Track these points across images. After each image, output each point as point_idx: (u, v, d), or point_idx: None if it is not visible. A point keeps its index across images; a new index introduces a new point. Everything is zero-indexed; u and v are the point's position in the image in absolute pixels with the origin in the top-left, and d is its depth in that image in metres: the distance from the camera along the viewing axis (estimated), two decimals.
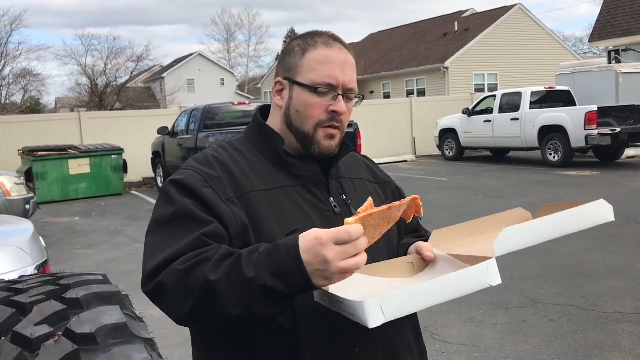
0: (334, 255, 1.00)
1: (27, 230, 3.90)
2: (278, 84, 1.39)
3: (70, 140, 14.79)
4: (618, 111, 14.03)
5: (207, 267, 1.08)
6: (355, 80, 1.37)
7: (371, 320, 1.00)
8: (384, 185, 1.56)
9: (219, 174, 1.28)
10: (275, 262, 1.04)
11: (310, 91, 1.32)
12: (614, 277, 5.57)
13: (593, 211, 1.26)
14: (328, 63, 1.32)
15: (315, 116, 1.33)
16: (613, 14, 19.39)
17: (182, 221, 1.19)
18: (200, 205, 1.21)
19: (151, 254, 1.19)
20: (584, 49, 43.60)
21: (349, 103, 1.36)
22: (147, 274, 1.17)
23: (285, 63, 1.38)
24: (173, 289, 1.11)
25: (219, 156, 1.33)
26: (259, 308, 1.06)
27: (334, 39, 1.37)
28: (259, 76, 53.73)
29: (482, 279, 1.12)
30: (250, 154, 1.36)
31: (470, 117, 16.63)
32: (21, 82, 40.12)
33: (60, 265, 6.71)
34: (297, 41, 1.39)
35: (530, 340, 4.25)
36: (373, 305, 1.00)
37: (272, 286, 1.03)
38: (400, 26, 37.43)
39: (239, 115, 12.45)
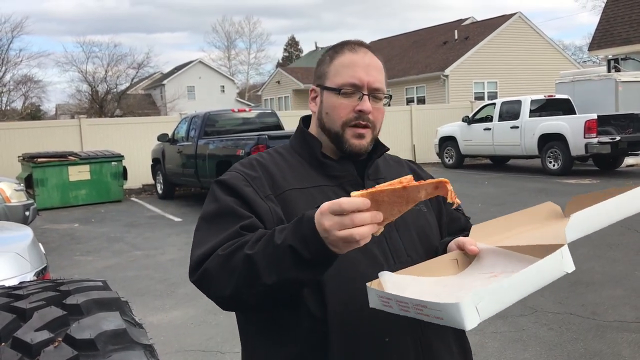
0: (330, 224, 1.06)
1: (27, 236, 3.90)
2: (312, 91, 1.50)
3: (70, 146, 14.79)
4: (617, 119, 14.04)
5: (245, 247, 1.20)
6: (381, 81, 1.44)
7: (468, 321, 0.97)
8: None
9: (258, 174, 1.40)
10: (298, 228, 1.13)
11: (336, 93, 1.41)
12: (614, 286, 5.56)
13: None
14: (352, 66, 1.41)
15: (342, 116, 1.41)
16: (612, 23, 19.45)
17: (223, 217, 1.31)
18: (240, 202, 1.33)
19: (196, 247, 1.31)
20: (583, 58, 43.72)
21: (377, 103, 1.43)
22: (193, 264, 1.29)
23: (317, 72, 1.50)
24: (217, 273, 1.22)
25: (262, 159, 1.46)
26: (289, 271, 1.14)
27: (360, 44, 1.46)
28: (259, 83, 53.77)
29: (559, 266, 1.09)
30: (291, 157, 1.47)
31: (470, 125, 16.65)
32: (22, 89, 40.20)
33: (60, 271, 6.70)
34: (329, 51, 1.49)
35: (530, 349, 4.24)
36: (469, 305, 0.97)
37: (295, 247, 1.12)
38: (401, 34, 37.56)
39: (239, 123, 12.47)
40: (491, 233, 1.35)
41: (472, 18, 33.31)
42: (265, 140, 9.43)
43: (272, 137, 9.68)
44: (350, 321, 1.31)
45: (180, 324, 5.11)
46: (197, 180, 11.77)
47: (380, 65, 1.46)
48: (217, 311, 5.31)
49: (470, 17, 33.44)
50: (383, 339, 1.32)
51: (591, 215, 1.18)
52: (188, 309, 5.47)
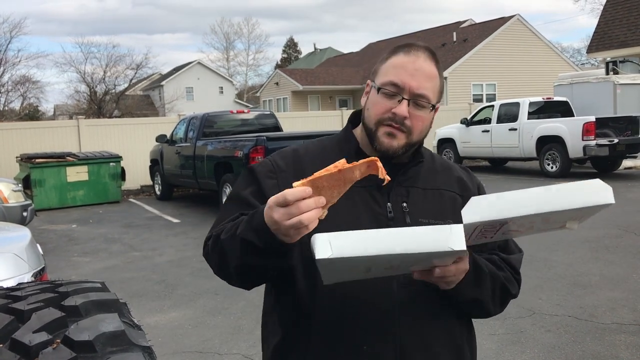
0: (280, 216, 1.12)
1: (25, 237, 3.89)
2: (367, 85, 1.50)
3: (68, 147, 14.79)
4: (616, 122, 14.07)
5: (223, 233, 1.33)
6: (428, 89, 1.40)
7: (319, 252, 1.06)
8: (466, 199, 1.53)
9: (288, 168, 1.46)
10: (251, 221, 1.23)
11: (377, 91, 1.42)
12: (612, 288, 5.57)
13: (587, 189, 1.11)
14: (400, 67, 1.40)
15: (378, 114, 1.41)
16: (611, 26, 19.49)
17: (238, 203, 1.44)
18: (259, 194, 1.42)
19: (214, 225, 1.45)
20: (581, 60, 43.80)
21: (419, 110, 1.40)
22: (204, 242, 1.44)
23: (374, 68, 1.50)
24: (211, 251, 1.38)
25: (301, 151, 1.52)
26: (246, 258, 1.25)
27: (418, 47, 1.44)
28: (258, 85, 53.81)
29: (443, 240, 1.10)
30: (331, 150, 1.49)
31: (469, 127, 16.66)
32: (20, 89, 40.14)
33: (57, 272, 6.69)
34: (390, 50, 1.48)
35: (528, 351, 4.24)
36: (322, 239, 1.07)
37: (247, 238, 1.22)
38: (399, 36, 37.60)
39: (238, 124, 12.46)
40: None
41: (471, 20, 33.37)
42: (264, 141, 9.41)
43: (270, 138, 9.66)
44: (332, 324, 1.36)
45: (178, 325, 5.11)
46: (196, 181, 11.75)
47: (433, 72, 1.42)
48: (215, 312, 5.31)
49: (469, 19, 33.51)
50: (362, 346, 1.34)
51: (493, 201, 1.13)
52: (186, 310, 5.47)
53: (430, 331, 1.41)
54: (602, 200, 1.11)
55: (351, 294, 1.32)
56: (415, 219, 1.41)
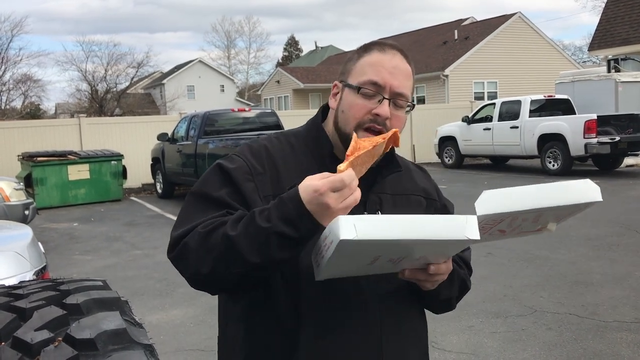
0: (334, 201, 1.12)
1: (26, 235, 3.90)
2: (334, 87, 1.44)
3: (69, 145, 14.79)
4: (617, 120, 14.05)
5: (226, 226, 1.22)
6: (407, 87, 1.37)
7: (344, 232, 1.05)
8: (430, 202, 1.55)
9: (264, 169, 1.37)
10: (283, 212, 1.16)
11: (355, 91, 1.35)
12: (613, 286, 5.56)
13: (580, 188, 1.25)
14: (377, 66, 1.35)
15: (357, 117, 1.35)
16: (612, 23, 19.45)
17: (214, 202, 1.32)
18: (236, 195, 1.33)
19: (179, 224, 1.32)
20: (583, 58, 43.74)
21: (398, 110, 1.36)
22: (173, 241, 1.30)
23: (342, 68, 1.44)
24: (196, 249, 1.24)
25: (272, 149, 1.42)
26: (275, 253, 1.17)
27: (392, 47, 1.40)
28: (259, 83, 53.78)
29: (460, 228, 1.15)
30: (300, 152, 1.43)
31: (470, 125, 16.65)
32: (21, 88, 40.17)
33: (59, 270, 6.70)
34: (358, 49, 1.43)
35: (529, 349, 4.24)
36: (347, 219, 1.07)
37: (283, 231, 1.15)
38: (401, 34, 37.56)
39: (239, 122, 12.46)
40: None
41: (472, 18, 33.32)
42: None
43: None
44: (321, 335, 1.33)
45: (179, 323, 5.11)
46: (197, 179, 11.73)
47: (409, 70, 1.39)
48: (216, 311, 5.31)
49: (470, 17, 33.46)
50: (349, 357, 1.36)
51: (504, 193, 1.22)
52: (187, 308, 5.47)
53: (406, 335, 1.47)
54: (592, 198, 1.23)
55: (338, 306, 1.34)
56: None
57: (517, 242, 7.15)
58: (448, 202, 1.63)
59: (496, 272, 6.05)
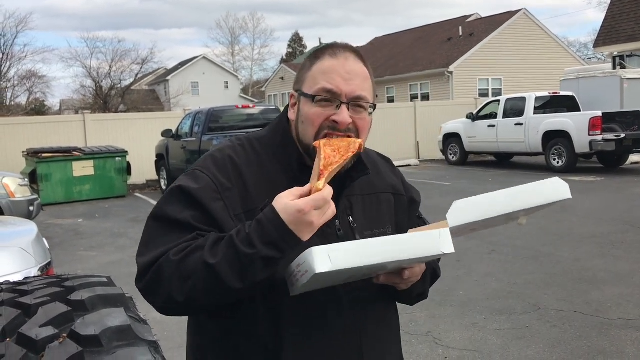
0: (317, 218, 1.14)
1: (31, 231, 3.91)
2: (292, 97, 1.39)
3: (74, 142, 14.83)
4: (622, 117, 14.01)
5: (203, 252, 1.18)
6: (365, 89, 1.32)
7: (318, 265, 1.06)
8: (397, 198, 1.55)
9: (232, 184, 1.32)
10: (265, 235, 1.15)
11: (311, 101, 1.31)
12: (618, 284, 5.55)
13: (549, 187, 1.27)
14: (330, 72, 1.31)
15: (317, 125, 1.30)
16: (618, 20, 19.37)
17: (181, 228, 1.26)
18: (205, 218, 1.27)
19: (145, 250, 1.28)
20: (588, 55, 43.58)
21: (360, 113, 1.32)
22: (142, 269, 1.26)
23: (297, 77, 1.40)
24: (169, 278, 1.20)
25: (237, 159, 1.36)
26: (258, 276, 1.17)
27: (344, 49, 1.35)
28: (263, 79, 53.78)
29: (435, 245, 1.16)
30: (267, 161, 1.38)
31: (474, 122, 16.62)
32: (26, 84, 40.34)
33: (64, 266, 6.72)
34: (310, 56, 1.40)
35: (533, 346, 4.23)
36: (321, 251, 1.08)
37: (268, 255, 1.15)
38: (405, 30, 37.47)
39: (243, 119, 12.47)
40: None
41: (477, 14, 33.22)
42: None
43: None
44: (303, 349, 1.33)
45: (183, 319, 5.09)
46: None
47: (365, 72, 1.34)
48: None
49: (475, 14, 33.36)
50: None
51: (475, 203, 1.24)
52: None
53: (385, 335, 1.49)
54: (562, 196, 1.27)
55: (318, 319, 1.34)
56: (361, 232, 1.40)
57: (521, 239, 7.14)
58: (414, 191, 1.63)
59: (500, 269, 6.05)
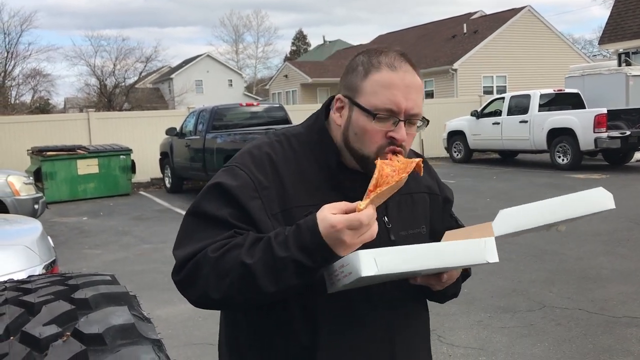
0: (350, 237, 1.12)
1: (36, 229, 3.92)
2: (339, 101, 1.36)
3: (78, 140, 14.86)
4: (628, 114, 13.94)
5: (240, 252, 1.20)
6: (420, 105, 1.32)
7: (364, 269, 1.08)
8: (432, 198, 1.55)
9: (269, 182, 1.32)
10: (301, 240, 1.16)
11: (369, 116, 1.28)
12: (623, 281, 5.53)
13: (593, 197, 1.27)
14: (390, 87, 1.28)
15: (375, 142, 1.29)
16: (623, 17, 19.28)
17: (218, 222, 1.28)
18: (242, 216, 1.28)
19: (182, 244, 1.30)
20: (593, 52, 43.41)
21: (411, 128, 1.32)
22: (180, 262, 1.27)
23: (347, 81, 1.35)
24: (206, 274, 1.22)
25: (274, 156, 1.36)
26: (291, 280, 1.17)
27: (400, 59, 1.32)
28: (267, 77, 53.72)
29: (479, 253, 1.15)
30: (304, 158, 1.37)
31: (479, 119, 16.58)
32: (31, 83, 40.35)
33: (68, 265, 6.73)
34: (362, 58, 1.34)
35: (539, 344, 4.22)
36: (367, 254, 1.09)
37: (300, 260, 1.15)
38: (409, 28, 37.42)
39: (247, 117, 12.47)
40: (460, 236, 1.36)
41: (481, 12, 33.15)
42: None
43: None
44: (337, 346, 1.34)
45: (188, 317, 5.13)
46: (205, 174, 11.79)
47: (420, 84, 1.33)
48: None
49: (479, 11, 33.28)
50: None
51: (521, 212, 1.24)
52: None
53: (416, 334, 1.49)
54: (605, 207, 1.27)
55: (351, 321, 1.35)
56: (397, 233, 1.41)
57: (525, 237, 7.12)
58: (448, 190, 1.63)
59: (505, 267, 6.03)
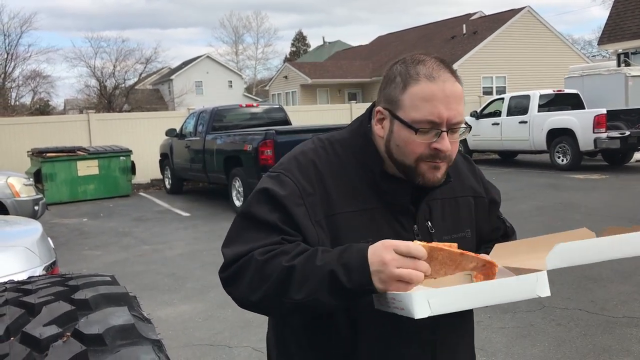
0: (391, 259, 1.11)
1: (36, 230, 3.92)
2: (379, 113, 1.36)
3: (79, 141, 14.86)
4: (627, 114, 13.94)
5: (284, 258, 1.20)
6: (461, 113, 1.30)
7: (417, 311, 1.06)
8: (478, 201, 1.54)
9: (314, 189, 1.33)
10: (345, 256, 1.16)
11: (411, 130, 1.28)
12: (623, 281, 5.53)
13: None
14: (431, 100, 1.26)
15: (417, 152, 1.30)
16: (622, 17, 19.29)
17: (267, 225, 1.29)
18: (288, 220, 1.30)
19: (232, 243, 1.31)
20: (593, 52, 43.43)
21: (454, 135, 1.31)
22: (228, 261, 1.29)
23: (386, 93, 1.34)
24: (251, 276, 1.23)
25: (319, 164, 1.37)
26: (321, 295, 1.16)
27: (439, 68, 1.30)
28: (267, 78, 53.73)
29: (531, 288, 1.15)
30: (348, 164, 1.38)
31: (479, 120, 16.58)
32: (31, 84, 40.40)
33: (69, 266, 6.74)
34: (399, 68, 1.33)
35: (538, 345, 4.22)
36: (420, 297, 1.07)
37: (337, 273, 1.14)
38: (409, 28, 37.43)
39: (247, 118, 12.48)
40: (512, 253, 1.36)
41: (481, 12, 33.17)
42: (273, 135, 9.45)
43: (279, 132, 9.69)
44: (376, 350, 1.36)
45: (188, 318, 5.13)
46: (205, 175, 11.80)
47: (461, 91, 1.31)
48: (225, 305, 5.32)
49: (479, 12, 33.30)
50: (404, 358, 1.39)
51: (577, 248, 1.22)
52: (196, 303, 5.49)
53: (459, 339, 1.49)
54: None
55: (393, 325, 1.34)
56: (440, 238, 1.40)
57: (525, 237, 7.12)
58: (495, 191, 1.61)
59: None
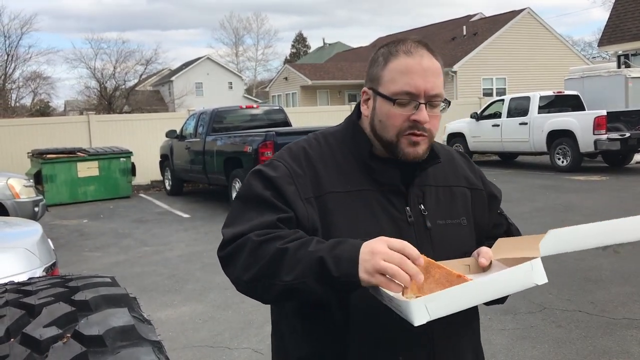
0: (380, 251, 1.11)
1: (36, 232, 3.92)
2: (364, 93, 1.44)
3: (79, 143, 14.86)
4: (627, 116, 13.94)
5: (279, 242, 1.23)
6: (440, 86, 1.36)
7: (417, 318, 1.07)
8: (475, 193, 1.54)
9: (304, 172, 1.38)
10: (339, 247, 1.17)
11: (390, 102, 1.34)
12: (623, 283, 5.53)
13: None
14: (408, 72, 1.33)
15: (397, 125, 1.35)
16: (622, 19, 19.30)
17: (262, 204, 1.34)
18: (280, 198, 1.34)
19: (231, 224, 1.35)
20: (593, 54, 43.43)
21: (434, 109, 1.36)
22: (226, 240, 1.32)
23: (370, 73, 1.42)
24: (246, 255, 1.26)
25: (310, 151, 1.43)
26: (309, 280, 1.18)
27: (417, 45, 1.38)
28: (267, 80, 53.74)
29: (527, 278, 1.15)
30: (339, 151, 1.44)
31: (479, 122, 16.59)
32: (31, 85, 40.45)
33: (69, 267, 6.74)
34: (382, 50, 1.42)
35: (538, 346, 4.22)
36: (418, 304, 1.07)
37: (325, 260, 1.15)
38: (408, 30, 37.45)
39: (247, 119, 12.47)
40: (513, 248, 1.36)
41: (481, 14, 33.22)
42: (273, 136, 9.45)
43: (280, 133, 9.70)
44: (368, 333, 1.34)
45: (188, 319, 5.13)
46: (205, 176, 11.79)
47: (439, 67, 1.38)
48: (225, 307, 5.32)
49: (479, 13, 33.36)
50: (397, 356, 1.36)
51: (570, 233, 1.21)
52: (196, 304, 5.49)
53: (460, 334, 1.47)
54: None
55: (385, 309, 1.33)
56: (434, 221, 1.42)
57: None
58: (495, 187, 1.61)
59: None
